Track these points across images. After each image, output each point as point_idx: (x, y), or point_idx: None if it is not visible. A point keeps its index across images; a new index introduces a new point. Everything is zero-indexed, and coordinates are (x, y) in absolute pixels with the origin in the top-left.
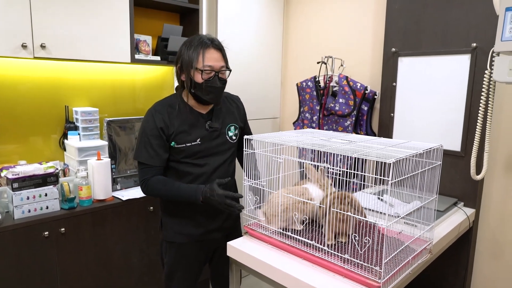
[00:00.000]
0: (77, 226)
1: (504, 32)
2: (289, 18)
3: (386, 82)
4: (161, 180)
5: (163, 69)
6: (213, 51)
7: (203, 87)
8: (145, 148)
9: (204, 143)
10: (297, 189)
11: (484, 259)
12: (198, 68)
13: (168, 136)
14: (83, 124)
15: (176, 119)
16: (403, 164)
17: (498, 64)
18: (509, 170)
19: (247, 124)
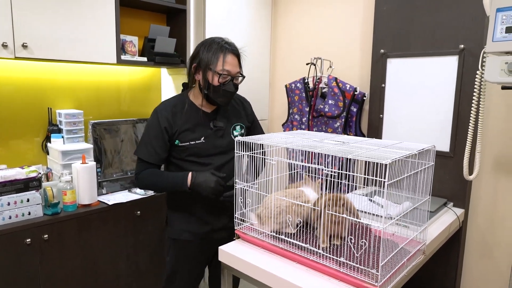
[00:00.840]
0: (61, 232)
1: (495, 32)
2: (277, 19)
3: (375, 84)
4: (153, 171)
5: (149, 70)
6: (232, 56)
7: (217, 90)
8: (145, 146)
9: (209, 141)
10: (293, 192)
11: (473, 259)
12: (216, 71)
13: (172, 135)
14: (67, 127)
15: (180, 118)
16: (398, 165)
17: (490, 64)
18: (497, 170)
19: (257, 124)
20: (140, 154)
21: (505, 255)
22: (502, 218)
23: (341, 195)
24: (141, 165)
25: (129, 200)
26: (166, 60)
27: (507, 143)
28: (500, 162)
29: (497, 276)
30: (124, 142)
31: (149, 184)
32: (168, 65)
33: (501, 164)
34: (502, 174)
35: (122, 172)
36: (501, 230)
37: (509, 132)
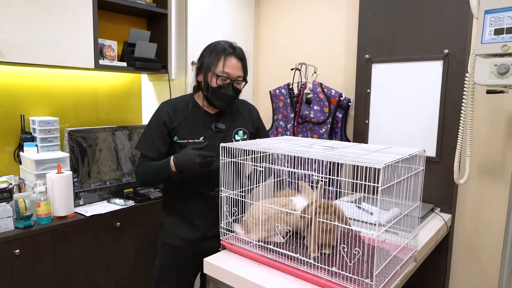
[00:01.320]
0: (34, 246)
1: (484, 35)
2: (260, 24)
3: (360, 89)
4: (146, 164)
5: (129, 76)
6: (234, 60)
7: (216, 92)
8: (145, 140)
9: (208, 142)
10: (281, 200)
11: (460, 264)
12: (215, 72)
13: (171, 130)
14: (42, 135)
15: (181, 114)
16: (390, 170)
17: (479, 67)
18: (482, 175)
19: (263, 132)
20: (140, 148)
21: (492, 259)
22: (488, 223)
23: (331, 202)
24: (141, 159)
25: (108, 211)
26: (146, 65)
27: (491, 147)
28: (485, 167)
29: (484, 281)
30: (103, 151)
31: (142, 177)
32: (149, 71)
33: (486, 169)
34: (487, 178)
35: (101, 182)
36: (488, 234)
37: (493, 136)
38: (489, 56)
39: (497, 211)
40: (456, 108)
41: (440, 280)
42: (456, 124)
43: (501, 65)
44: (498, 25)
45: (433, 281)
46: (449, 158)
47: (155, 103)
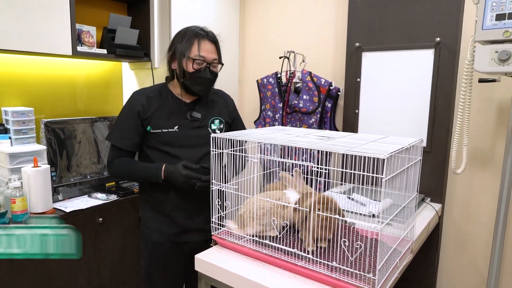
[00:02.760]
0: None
1: (485, 20)
2: (246, 11)
3: (350, 78)
4: (125, 160)
5: (109, 64)
6: (207, 43)
7: (193, 77)
8: (118, 130)
9: (182, 131)
10: (275, 194)
11: (449, 253)
12: (190, 57)
13: (144, 119)
14: (15, 126)
15: (155, 104)
16: (393, 160)
17: (479, 54)
18: (472, 164)
19: (239, 123)
20: (112, 139)
21: (481, 248)
22: (477, 212)
23: (328, 196)
24: (114, 152)
25: (89, 206)
26: (128, 53)
27: (481, 136)
28: (475, 156)
29: (473, 269)
30: (82, 143)
31: (121, 173)
32: (130, 59)
33: (475, 158)
34: (476, 167)
35: (81, 176)
36: (477, 223)
37: (483, 125)
38: (488, 42)
39: (487, 200)
40: (447, 98)
41: (430, 270)
42: (447, 114)
43: (502, 52)
44: (500, 10)
45: (423, 271)
46: (440, 148)
47: None
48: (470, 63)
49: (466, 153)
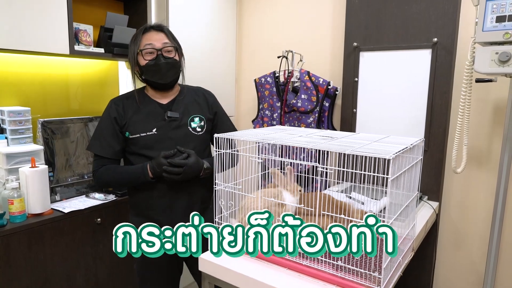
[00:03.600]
0: (8, 248)
1: (485, 22)
2: (243, 11)
3: (348, 78)
4: (110, 167)
5: (105, 63)
6: (153, 33)
7: (149, 69)
8: (98, 139)
9: (162, 133)
10: (272, 192)
11: (446, 250)
12: (139, 50)
13: (122, 126)
14: (12, 126)
15: (130, 109)
16: (398, 160)
17: (479, 55)
18: (469, 162)
19: (223, 118)
20: (93, 148)
21: (477, 245)
22: (474, 210)
23: (343, 202)
24: (97, 161)
25: (87, 206)
26: (125, 51)
27: (477, 135)
28: (471, 154)
29: (470, 266)
30: (79, 143)
31: (108, 180)
32: (128, 58)
33: (472, 156)
34: (473, 166)
35: (78, 176)
36: (473, 221)
37: (479, 125)
38: (488, 44)
39: (483, 198)
40: (444, 97)
41: (428, 267)
42: (444, 113)
43: (502, 53)
44: (500, 12)
45: (421, 268)
46: (437, 147)
47: None
48: (470, 64)
49: (466, 152)
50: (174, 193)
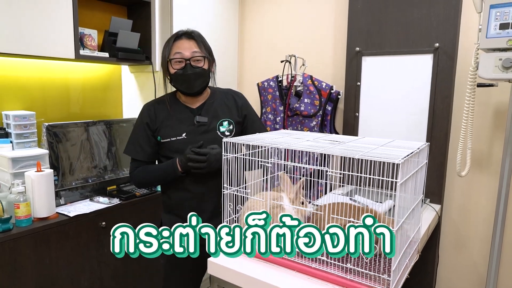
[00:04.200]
0: (14, 251)
1: (489, 29)
2: (245, 16)
3: (350, 82)
4: (143, 168)
5: (108, 67)
6: (183, 40)
7: (177, 78)
8: (132, 144)
9: (191, 138)
10: (273, 195)
11: (448, 252)
12: (169, 58)
13: (154, 130)
14: (17, 130)
15: (162, 114)
16: (406, 164)
17: (483, 61)
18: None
19: (253, 119)
20: (128, 152)
21: (478, 247)
22: (475, 212)
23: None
24: (133, 164)
25: (92, 210)
26: (130, 56)
27: (478, 139)
28: (473, 158)
29: (472, 269)
30: (83, 147)
31: (143, 180)
32: (132, 62)
33: (473, 159)
34: (474, 169)
35: (82, 180)
36: (474, 223)
37: (480, 128)
38: (492, 50)
39: (484, 201)
40: (446, 101)
41: (430, 269)
42: (446, 117)
43: (506, 59)
44: (503, 19)
45: (423, 270)
46: (438, 151)
47: (137, 95)
48: (474, 69)
49: (470, 156)
50: (203, 196)
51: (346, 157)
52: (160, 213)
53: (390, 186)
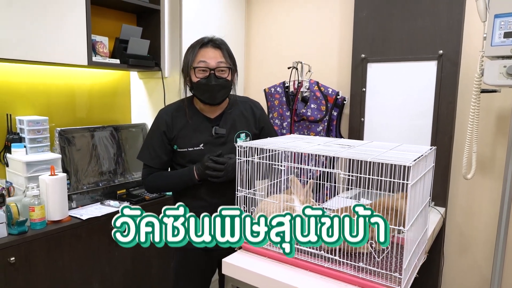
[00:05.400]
0: (29, 253)
1: (494, 37)
2: (251, 23)
3: (356, 88)
4: (158, 174)
5: (117, 73)
6: (209, 49)
7: (199, 86)
8: (147, 149)
9: (208, 149)
10: (284, 197)
11: (452, 254)
12: (193, 66)
13: (170, 139)
14: (31, 135)
15: (179, 123)
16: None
17: (488, 68)
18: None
19: (269, 131)
20: (142, 158)
21: (482, 250)
22: (478, 215)
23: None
24: (146, 170)
25: (103, 213)
26: (140, 62)
27: (482, 143)
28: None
29: (476, 271)
30: (94, 151)
31: (157, 186)
32: (142, 68)
33: (477, 163)
34: (477, 172)
35: (93, 184)
36: (478, 226)
37: (484, 133)
38: (496, 58)
39: (487, 204)
40: (450, 106)
41: (434, 270)
42: (450, 122)
43: (510, 67)
44: (507, 28)
45: (429, 272)
46: (443, 155)
47: (145, 101)
48: (479, 76)
49: (476, 159)
50: (218, 205)
51: (354, 161)
52: None
53: (400, 188)
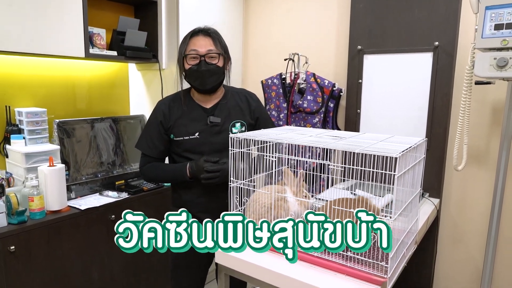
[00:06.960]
0: (29, 242)
1: (485, 29)
2: (249, 15)
3: (352, 79)
4: (155, 165)
5: (116, 65)
6: (200, 37)
7: (191, 73)
8: (145, 139)
9: (204, 138)
10: (277, 187)
11: (446, 245)
12: (184, 54)
13: (167, 129)
14: (29, 127)
15: (176, 112)
16: (403, 158)
17: (479, 60)
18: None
19: (265, 121)
20: (140, 147)
21: (475, 241)
22: (472, 207)
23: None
24: (143, 159)
25: (102, 204)
26: (137, 54)
27: (476, 135)
28: (470, 153)
29: (469, 261)
30: (92, 142)
31: (152, 177)
32: (139, 60)
33: (471, 155)
34: (472, 164)
35: (92, 175)
36: (472, 217)
37: (477, 125)
38: (487, 50)
39: (481, 195)
40: (445, 98)
41: (428, 261)
42: (445, 114)
43: (500, 59)
44: (498, 20)
45: (422, 262)
46: (437, 146)
47: (144, 93)
48: (471, 68)
49: (466, 151)
50: (212, 193)
51: (348, 152)
52: (167, 207)
53: (390, 179)
